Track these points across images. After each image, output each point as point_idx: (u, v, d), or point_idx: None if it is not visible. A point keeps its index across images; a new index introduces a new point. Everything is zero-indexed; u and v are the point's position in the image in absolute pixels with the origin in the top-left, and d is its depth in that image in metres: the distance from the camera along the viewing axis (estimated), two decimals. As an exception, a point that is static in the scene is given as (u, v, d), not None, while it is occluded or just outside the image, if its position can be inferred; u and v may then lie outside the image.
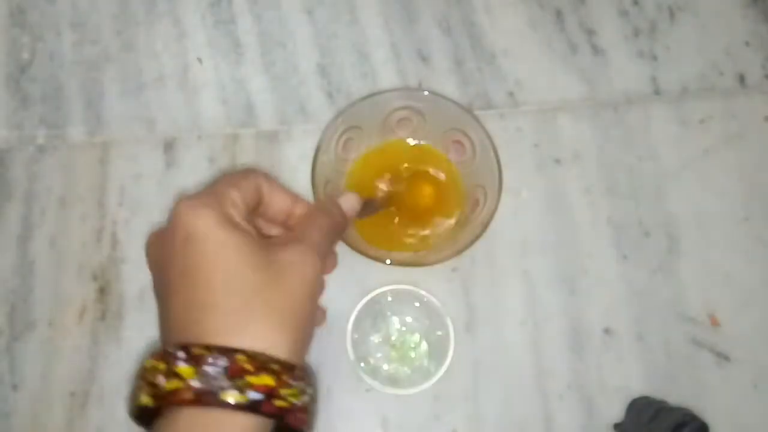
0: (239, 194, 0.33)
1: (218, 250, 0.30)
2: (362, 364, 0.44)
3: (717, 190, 0.51)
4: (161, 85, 0.53)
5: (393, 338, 0.46)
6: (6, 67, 0.53)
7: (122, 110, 0.52)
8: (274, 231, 0.39)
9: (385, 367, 0.46)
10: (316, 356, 0.46)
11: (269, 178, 0.36)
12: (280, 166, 0.51)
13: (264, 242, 0.32)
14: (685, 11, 0.55)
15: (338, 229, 0.37)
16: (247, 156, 0.51)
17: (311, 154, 0.45)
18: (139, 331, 0.47)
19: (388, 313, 0.47)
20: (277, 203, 0.36)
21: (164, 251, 0.32)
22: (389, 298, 0.46)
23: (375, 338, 0.46)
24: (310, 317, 0.32)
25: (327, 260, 0.38)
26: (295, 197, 0.37)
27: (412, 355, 0.46)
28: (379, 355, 0.46)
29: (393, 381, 0.45)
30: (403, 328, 0.46)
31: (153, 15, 0.55)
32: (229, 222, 0.31)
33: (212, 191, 0.32)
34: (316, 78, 0.53)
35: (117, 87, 0.53)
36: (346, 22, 0.54)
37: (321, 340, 0.46)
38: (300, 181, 0.49)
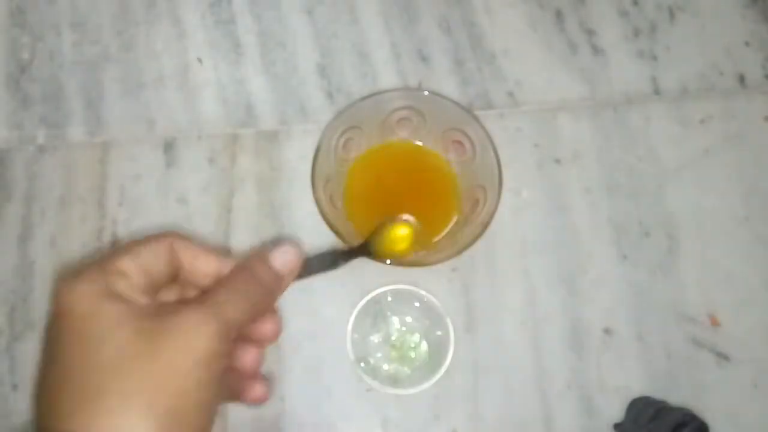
0: (134, 262, 0.28)
1: (85, 322, 0.26)
2: (362, 364, 0.44)
3: (717, 189, 0.51)
4: (161, 85, 0.53)
5: (393, 338, 0.46)
6: (6, 67, 0.53)
7: (122, 110, 0.52)
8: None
9: (385, 367, 0.46)
10: (317, 356, 0.46)
11: (187, 240, 0.30)
12: (280, 166, 0.51)
13: (156, 310, 0.27)
14: (685, 11, 0.55)
15: (263, 291, 0.30)
16: (247, 156, 0.51)
17: (311, 154, 0.45)
18: (139, 331, 0.47)
19: (388, 313, 0.47)
20: (201, 268, 0.30)
21: (46, 334, 0.28)
22: (389, 298, 0.46)
23: (375, 338, 0.46)
24: (198, 393, 0.26)
25: (260, 326, 0.31)
26: (222, 257, 0.31)
27: (412, 355, 0.46)
28: (379, 355, 0.46)
29: (393, 381, 0.45)
30: (403, 328, 0.46)
31: (153, 15, 0.55)
32: (105, 293, 0.26)
33: (98, 262, 0.28)
34: (316, 78, 0.53)
35: (117, 87, 0.53)
36: (346, 22, 0.54)
37: (321, 340, 0.46)
38: (300, 181, 0.49)
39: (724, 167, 0.51)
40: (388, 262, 0.43)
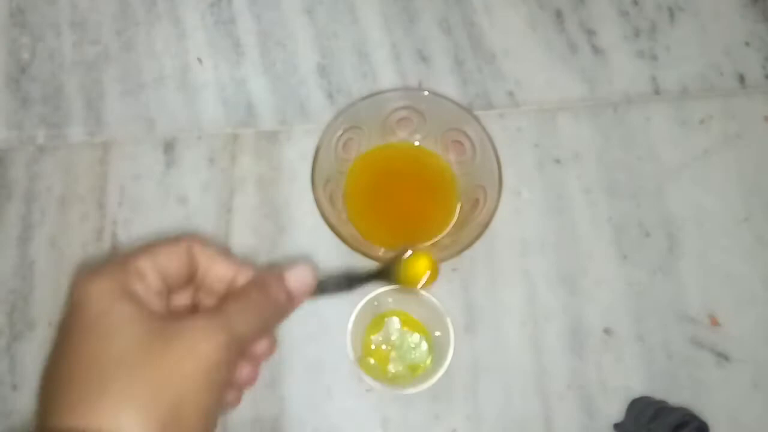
0: (152, 264, 0.28)
1: (97, 321, 0.26)
2: (362, 364, 0.44)
3: (717, 190, 0.51)
4: (161, 85, 0.53)
5: (393, 338, 0.46)
6: (6, 67, 0.53)
7: (122, 110, 0.52)
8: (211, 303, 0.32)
9: (385, 367, 0.46)
10: (317, 356, 0.46)
11: (206, 244, 0.31)
12: (280, 166, 0.51)
13: (165, 315, 0.27)
14: (685, 11, 0.55)
15: (275, 310, 0.30)
16: (247, 156, 0.51)
17: (311, 154, 0.45)
18: (139, 331, 0.47)
19: (388, 314, 0.47)
20: (217, 272, 0.31)
21: (59, 324, 0.28)
22: (389, 299, 0.46)
23: (375, 338, 0.46)
24: (199, 400, 0.26)
25: (257, 344, 0.31)
26: (239, 265, 0.31)
27: (412, 355, 0.46)
28: (379, 355, 0.46)
29: (393, 381, 0.45)
30: (404, 328, 0.46)
31: (153, 15, 0.55)
32: (121, 293, 0.27)
33: (117, 261, 0.28)
34: (316, 78, 0.53)
35: (117, 87, 0.53)
36: (346, 22, 0.54)
37: (321, 341, 0.46)
38: (300, 181, 0.49)
39: (724, 167, 0.51)
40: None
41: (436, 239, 0.47)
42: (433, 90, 0.50)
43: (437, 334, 0.45)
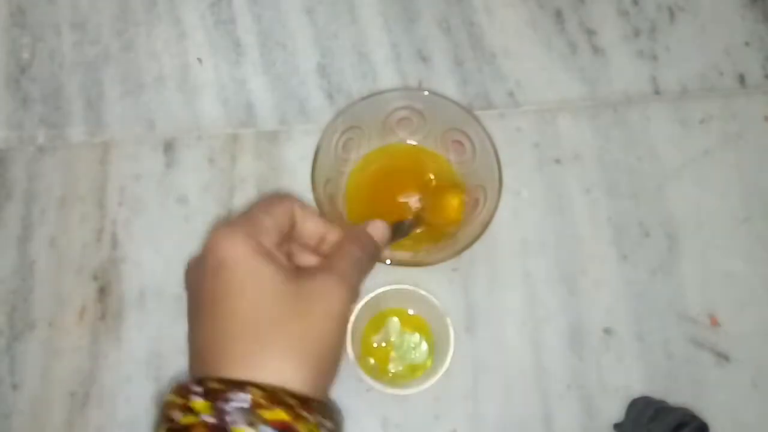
0: (273, 221, 0.33)
1: (246, 280, 0.30)
2: (362, 364, 0.44)
3: (717, 190, 0.51)
4: (161, 85, 0.53)
5: (393, 338, 0.46)
6: (6, 67, 0.53)
7: (122, 110, 0.52)
8: (305, 256, 0.37)
9: (385, 367, 0.46)
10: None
11: (302, 204, 0.36)
12: (280, 166, 0.51)
13: (295, 272, 0.32)
14: (685, 11, 0.55)
15: (370, 258, 0.36)
16: (247, 156, 0.51)
17: (311, 154, 0.45)
18: (139, 331, 0.47)
19: (388, 313, 0.47)
20: (309, 229, 0.36)
21: (197, 278, 0.32)
22: (389, 298, 0.46)
23: (375, 338, 0.46)
24: (335, 351, 0.31)
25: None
26: (328, 224, 0.37)
27: (412, 355, 0.46)
28: (379, 355, 0.46)
29: (393, 381, 0.45)
30: (404, 329, 0.46)
31: (153, 15, 0.55)
32: (261, 251, 0.31)
33: (247, 218, 0.32)
34: (316, 78, 0.53)
35: (117, 87, 0.53)
36: (346, 22, 0.54)
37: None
38: (300, 181, 0.49)
39: (724, 167, 0.51)
40: (388, 262, 0.43)
41: (436, 239, 0.47)
42: (433, 90, 0.50)
43: (437, 334, 0.45)
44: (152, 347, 0.47)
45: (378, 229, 0.37)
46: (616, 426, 0.44)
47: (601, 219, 0.50)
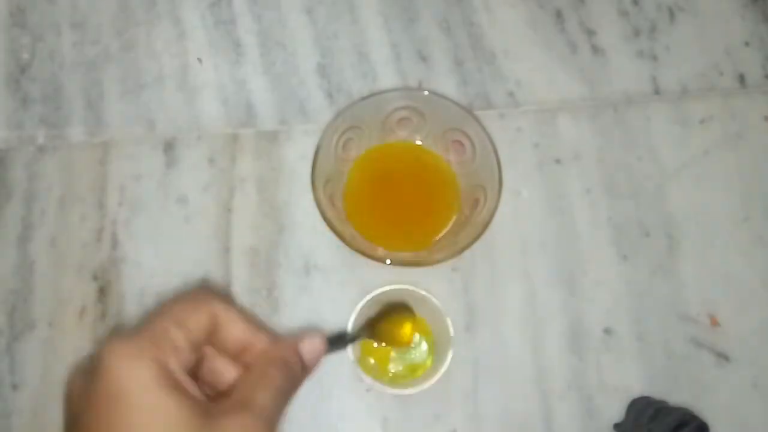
0: (185, 337, 0.28)
1: (147, 418, 0.25)
2: (362, 364, 0.44)
3: (717, 190, 0.51)
4: (161, 85, 0.53)
5: (393, 338, 0.46)
6: (6, 67, 0.53)
7: (122, 110, 0.52)
8: (221, 363, 0.31)
9: (385, 367, 0.45)
10: (316, 356, 0.46)
11: (227, 306, 0.31)
12: (280, 166, 0.51)
13: (204, 408, 0.27)
14: (685, 11, 0.55)
15: (294, 385, 0.31)
16: (247, 156, 0.51)
17: (311, 154, 0.45)
18: (139, 331, 0.47)
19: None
20: (234, 334, 0.30)
21: (86, 401, 0.27)
22: (390, 298, 0.46)
23: (375, 338, 0.46)
24: None
25: None
26: (256, 329, 0.31)
27: (412, 355, 0.46)
28: (379, 355, 0.46)
29: (393, 381, 0.45)
30: (403, 328, 0.46)
31: (153, 15, 0.55)
32: (167, 381, 0.26)
33: (151, 332, 0.27)
34: (316, 78, 0.53)
35: (117, 87, 0.53)
36: (346, 22, 0.54)
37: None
38: (300, 181, 0.49)
39: (724, 167, 0.51)
40: (388, 262, 0.43)
41: (436, 239, 0.47)
42: (433, 90, 0.50)
43: (437, 334, 0.45)
44: None
45: (313, 347, 0.32)
46: (616, 426, 0.44)
47: (601, 219, 0.50)
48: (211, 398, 0.29)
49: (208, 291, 0.33)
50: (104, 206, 0.50)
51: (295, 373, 0.31)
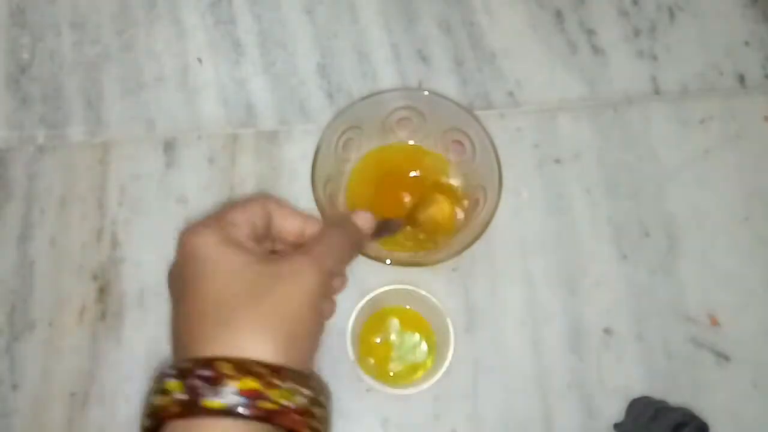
0: (243, 216, 0.34)
1: (215, 264, 0.31)
2: (362, 364, 0.44)
3: (717, 190, 0.51)
4: (161, 85, 0.53)
5: (393, 338, 0.46)
6: (6, 67, 0.53)
7: (122, 110, 0.52)
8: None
9: (385, 367, 0.46)
10: (316, 356, 0.46)
11: (279, 201, 0.36)
12: (280, 166, 0.51)
13: (267, 257, 0.32)
14: (685, 11, 0.55)
15: (351, 245, 0.36)
16: (247, 156, 0.51)
17: (311, 154, 0.45)
18: (139, 331, 0.47)
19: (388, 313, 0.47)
20: (288, 225, 0.36)
21: (173, 273, 0.34)
22: (389, 298, 0.46)
23: (375, 338, 0.46)
24: (306, 325, 0.32)
25: (336, 280, 0.38)
26: (306, 217, 0.37)
27: (412, 355, 0.46)
28: (379, 355, 0.46)
29: (393, 381, 0.45)
30: (403, 329, 0.46)
31: (153, 15, 0.55)
32: (228, 240, 0.32)
33: (214, 215, 0.34)
34: (316, 78, 0.53)
35: (117, 87, 0.53)
36: (346, 22, 0.54)
37: (321, 340, 0.46)
38: (300, 181, 0.49)
39: (724, 167, 0.51)
40: (388, 262, 0.43)
41: (436, 239, 0.47)
42: (433, 90, 0.50)
43: (437, 333, 0.45)
44: (152, 347, 0.47)
45: (362, 218, 0.38)
46: (616, 426, 0.44)
47: (601, 219, 0.50)
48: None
49: (264, 193, 0.44)
50: (104, 206, 0.50)
51: (350, 234, 0.36)
